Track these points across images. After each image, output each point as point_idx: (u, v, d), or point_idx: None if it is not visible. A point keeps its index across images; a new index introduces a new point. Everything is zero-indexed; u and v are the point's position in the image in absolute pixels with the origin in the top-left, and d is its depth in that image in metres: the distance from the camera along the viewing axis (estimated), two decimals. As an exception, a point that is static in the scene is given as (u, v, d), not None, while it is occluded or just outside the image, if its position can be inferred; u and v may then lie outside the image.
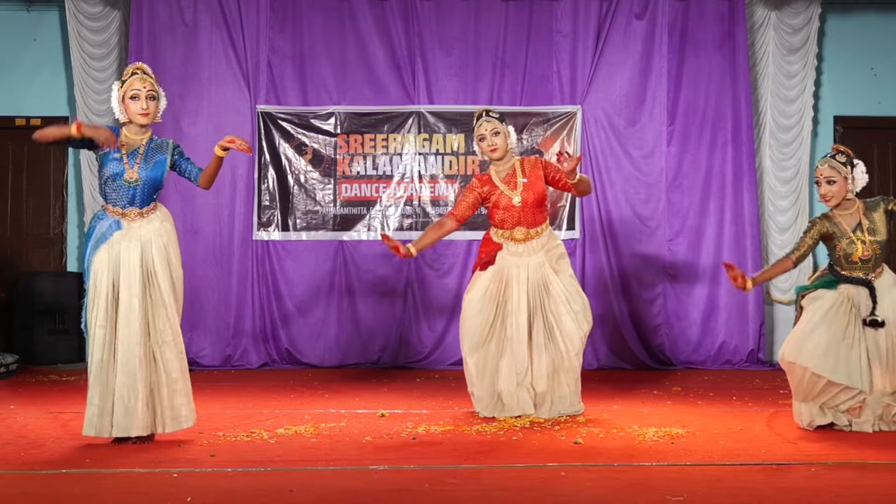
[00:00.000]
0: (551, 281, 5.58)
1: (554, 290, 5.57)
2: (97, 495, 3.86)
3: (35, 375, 7.41)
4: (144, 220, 4.83)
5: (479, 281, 5.67)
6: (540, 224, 5.66)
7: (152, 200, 4.88)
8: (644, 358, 8.04)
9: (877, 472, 4.21)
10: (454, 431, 5.15)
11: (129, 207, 4.81)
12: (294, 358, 8.11)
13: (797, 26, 8.29)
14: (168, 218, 4.94)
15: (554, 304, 5.56)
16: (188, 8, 8.17)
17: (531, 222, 5.63)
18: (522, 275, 5.58)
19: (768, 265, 5.47)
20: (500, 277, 5.62)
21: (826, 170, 5.18)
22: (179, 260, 4.90)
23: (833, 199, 5.19)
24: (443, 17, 8.22)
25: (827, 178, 5.18)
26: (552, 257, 5.65)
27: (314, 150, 8.20)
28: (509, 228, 5.64)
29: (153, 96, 4.82)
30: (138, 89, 4.79)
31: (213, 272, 8.09)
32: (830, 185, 5.17)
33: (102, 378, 4.69)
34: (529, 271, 5.59)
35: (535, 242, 5.64)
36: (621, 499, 3.76)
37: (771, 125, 8.33)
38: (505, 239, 5.67)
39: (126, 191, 4.79)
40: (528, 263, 5.60)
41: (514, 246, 5.64)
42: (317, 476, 4.18)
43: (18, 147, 8.60)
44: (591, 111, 8.18)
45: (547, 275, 5.60)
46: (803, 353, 5.06)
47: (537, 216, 5.64)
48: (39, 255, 8.60)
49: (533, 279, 5.58)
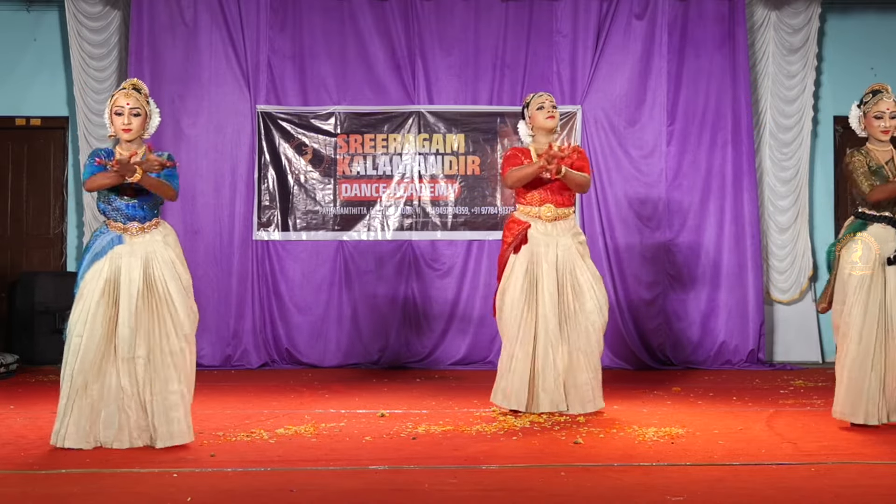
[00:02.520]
0: (578, 266, 5.58)
1: (581, 276, 5.57)
2: (97, 495, 3.86)
3: (35, 375, 7.41)
4: (147, 234, 4.78)
5: (516, 265, 5.59)
6: (568, 206, 5.68)
7: (154, 215, 4.83)
8: (644, 358, 8.04)
9: (877, 472, 4.21)
10: (454, 431, 5.14)
11: (129, 223, 4.77)
12: (294, 358, 8.11)
13: (797, 26, 8.30)
14: (171, 232, 4.90)
15: (580, 290, 5.55)
16: (188, 8, 8.17)
17: (560, 202, 5.63)
18: (552, 254, 5.55)
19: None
20: (531, 259, 5.58)
21: (893, 104, 5.13)
22: (187, 270, 4.86)
23: (890, 133, 5.15)
24: (443, 17, 8.22)
25: (892, 112, 5.13)
26: (578, 242, 5.65)
27: (314, 150, 8.20)
28: (537, 205, 5.62)
29: (137, 113, 4.73)
30: (122, 106, 4.73)
31: (213, 272, 8.10)
32: (893, 119, 5.13)
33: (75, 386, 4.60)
34: (559, 251, 5.57)
35: (564, 224, 5.64)
36: (621, 499, 3.76)
37: (771, 125, 8.34)
38: (533, 217, 5.64)
39: (125, 209, 4.75)
40: (558, 243, 5.58)
41: (542, 225, 5.61)
42: (317, 476, 4.18)
43: (18, 147, 8.60)
44: (591, 111, 8.18)
45: (575, 260, 5.59)
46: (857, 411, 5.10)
47: (566, 198, 5.65)
48: (39, 255, 8.61)
49: (562, 260, 5.56)
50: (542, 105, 5.68)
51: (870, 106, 5.19)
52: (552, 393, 5.50)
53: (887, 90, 5.20)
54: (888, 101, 5.14)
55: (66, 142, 8.56)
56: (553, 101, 5.71)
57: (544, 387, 5.50)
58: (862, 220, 5.20)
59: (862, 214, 5.21)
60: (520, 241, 5.61)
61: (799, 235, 8.32)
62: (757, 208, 8.20)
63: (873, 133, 5.19)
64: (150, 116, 4.83)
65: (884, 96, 5.16)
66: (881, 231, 5.15)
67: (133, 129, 4.74)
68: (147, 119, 4.81)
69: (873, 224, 5.17)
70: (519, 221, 5.67)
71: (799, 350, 8.36)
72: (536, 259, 5.56)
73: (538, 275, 5.55)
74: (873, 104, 5.18)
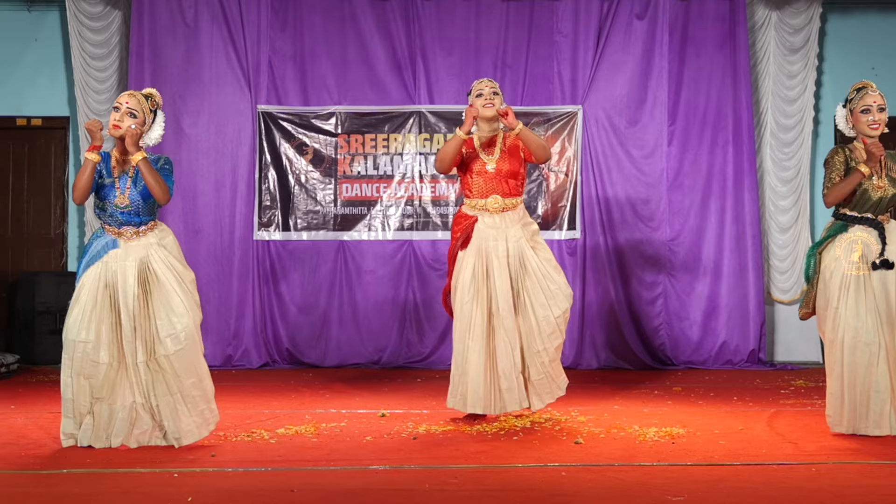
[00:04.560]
0: (528, 257, 5.42)
1: (531, 266, 5.41)
2: (97, 495, 3.86)
3: (35, 375, 7.41)
4: (142, 238, 4.75)
5: (465, 261, 5.43)
6: (516, 196, 5.51)
7: (149, 219, 4.79)
8: (645, 358, 8.04)
9: (877, 472, 4.21)
10: (455, 431, 5.14)
11: (124, 227, 4.74)
12: (295, 358, 8.12)
13: (798, 26, 8.30)
14: (168, 234, 4.85)
15: (531, 282, 5.39)
16: (189, 8, 8.18)
17: (506, 192, 5.46)
18: (501, 248, 5.39)
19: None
20: (480, 253, 5.39)
21: (879, 97, 5.06)
22: (188, 269, 4.82)
23: (880, 128, 5.06)
24: (443, 17, 8.22)
25: (879, 105, 5.06)
26: (528, 233, 5.49)
27: (315, 150, 8.20)
28: (483, 197, 5.46)
29: (133, 114, 4.67)
30: (120, 102, 4.71)
31: (214, 272, 8.10)
32: (881, 112, 5.07)
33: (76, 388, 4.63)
34: (509, 243, 5.41)
35: (512, 214, 5.46)
36: (622, 499, 3.76)
37: (772, 125, 8.34)
38: (479, 210, 5.48)
39: (119, 214, 4.72)
40: (507, 236, 5.42)
41: (490, 217, 5.45)
42: (317, 476, 4.18)
43: (19, 147, 8.61)
44: (591, 111, 8.18)
45: (524, 250, 5.42)
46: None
47: (512, 187, 5.48)
48: (40, 256, 8.61)
49: (513, 252, 5.41)
50: (480, 92, 5.49)
51: (856, 102, 5.14)
52: (515, 391, 5.33)
53: (871, 86, 5.17)
54: (874, 94, 5.10)
55: (66, 142, 8.56)
56: (494, 88, 5.50)
57: (508, 386, 5.32)
58: (843, 223, 5.11)
59: (843, 216, 5.12)
60: (467, 237, 5.46)
61: (800, 235, 8.31)
62: (758, 208, 8.20)
63: (862, 129, 5.12)
64: (149, 126, 4.77)
65: (868, 91, 5.14)
66: (862, 233, 5.05)
67: (122, 127, 4.66)
68: (145, 126, 4.74)
69: (854, 226, 5.08)
70: (466, 216, 5.51)
71: (800, 350, 8.35)
72: (486, 253, 5.40)
73: (489, 270, 5.39)
74: (859, 99, 5.14)
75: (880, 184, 5.05)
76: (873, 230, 5.04)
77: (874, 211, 5.07)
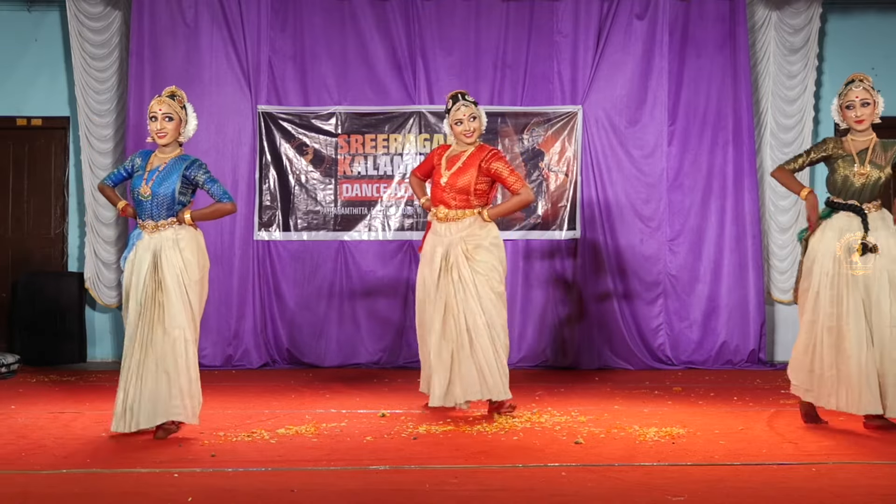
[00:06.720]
0: (463, 266, 5.62)
1: (464, 276, 5.61)
2: (97, 495, 3.86)
3: (36, 375, 7.41)
4: (160, 232, 5.04)
5: (421, 262, 5.87)
6: (462, 209, 5.71)
7: (169, 215, 5.06)
8: (645, 358, 8.04)
9: (877, 472, 4.21)
10: (454, 431, 5.15)
11: (146, 220, 5.07)
12: (295, 358, 8.12)
13: (798, 26, 8.29)
14: (186, 232, 5.10)
15: (462, 290, 5.59)
16: (189, 8, 8.18)
17: (451, 205, 5.72)
18: (438, 256, 5.69)
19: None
20: (426, 257, 5.82)
21: (861, 92, 5.13)
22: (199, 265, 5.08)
23: (865, 122, 5.14)
24: (443, 17, 8.22)
25: (863, 100, 5.12)
26: (469, 245, 5.66)
27: (315, 150, 8.20)
28: (435, 206, 5.78)
29: (170, 118, 5.04)
30: (155, 112, 5.05)
31: (214, 272, 8.06)
32: (865, 107, 5.13)
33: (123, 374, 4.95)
34: (448, 250, 5.67)
35: (455, 226, 5.70)
36: (622, 499, 3.76)
37: (772, 125, 8.33)
38: (433, 216, 5.82)
39: (142, 205, 5.06)
40: (448, 244, 5.68)
41: (437, 225, 5.78)
42: (317, 476, 4.19)
43: (19, 147, 8.60)
44: (591, 111, 8.18)
45: (459, 260, 5.63)
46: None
47: (460, 202, 5.71)
48: (40, 256, 8.60)
49: (450, 261, 5.63)
50: (459, 120, 5.74)
51: (842, 97, 5.21)
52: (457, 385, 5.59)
53: (861, 79, 5.19)
54: (857, 90, 5.14)
55: (67, 142, 8.56)
56: (472, 112, 5.73)
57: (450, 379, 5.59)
58: (830, 209, 5.24)
59: (831, 203, 5.24)
60: (423, 239, 5.87)
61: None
62: (758, 208, 8.20)
63: (848, 123, 5.21)
64: (185, 122, 5.12)
65: (853, 86, 5.17)
66: (845, 220, 5.16)
67: (167, 133, 5.05)
68: (182, 124, 5.11)
69: (839, 212, 5.19)
70: (429, 222, 5.88)
71: (800, 350, 8.34)
72: (431, 258, 5.74)
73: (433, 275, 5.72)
74: (844, 94, 5.20)
75: (862, 171, 5.13)
76: (856, 217, 5.15)
77: (858, 198, 5.17)
